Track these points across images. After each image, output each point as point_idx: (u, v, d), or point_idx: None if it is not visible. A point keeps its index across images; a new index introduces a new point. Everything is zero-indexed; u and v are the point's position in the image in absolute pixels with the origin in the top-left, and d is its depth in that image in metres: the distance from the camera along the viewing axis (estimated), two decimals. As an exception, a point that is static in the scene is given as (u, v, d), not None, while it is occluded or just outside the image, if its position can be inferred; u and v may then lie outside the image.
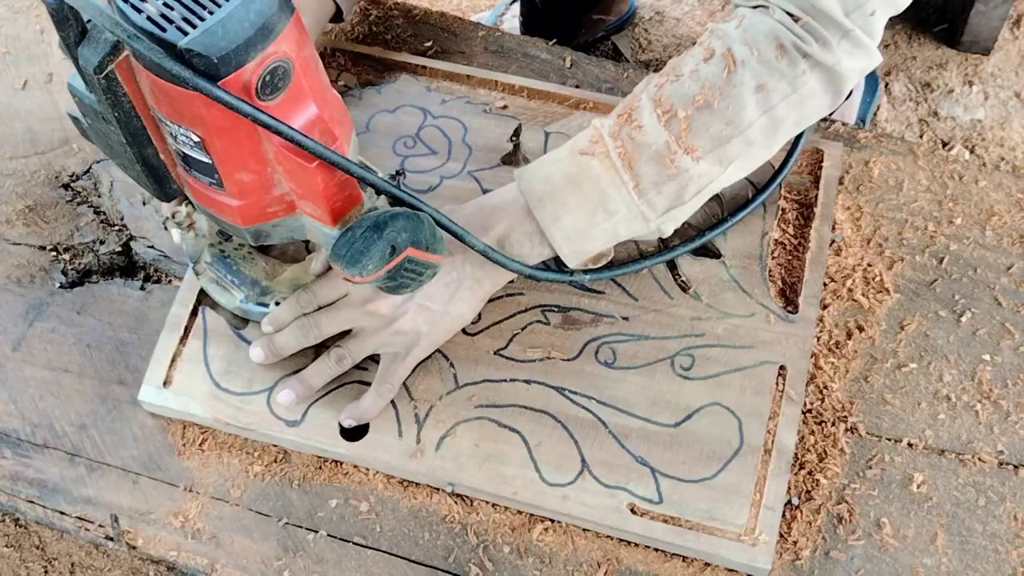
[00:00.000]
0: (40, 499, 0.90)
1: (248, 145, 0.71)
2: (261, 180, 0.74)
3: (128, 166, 0.77)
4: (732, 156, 0.81)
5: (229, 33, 0.64)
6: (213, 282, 0.91)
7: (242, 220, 0.77)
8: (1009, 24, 1.63)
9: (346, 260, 0.73)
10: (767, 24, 0.79)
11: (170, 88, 0.66)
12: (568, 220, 0.83)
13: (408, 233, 0.74)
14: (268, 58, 0.66)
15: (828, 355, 0.91)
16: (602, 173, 0.81)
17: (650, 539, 0.83)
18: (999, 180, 1.00)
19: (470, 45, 1.12)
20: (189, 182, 0.77)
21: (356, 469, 0.88)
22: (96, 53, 0.66)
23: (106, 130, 0.74)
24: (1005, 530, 0.83)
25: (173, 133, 0.71)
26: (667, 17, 1.77)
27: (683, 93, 0.80)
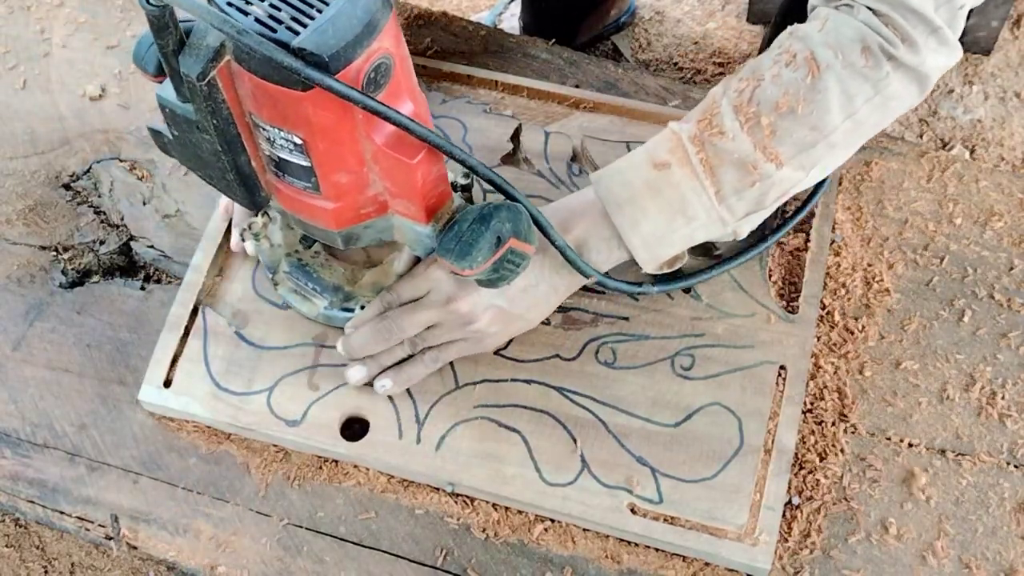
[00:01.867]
0: (40, 499, 0.90)
1: (349, 145, 0.71)
2: (357, 181, 0.74)
3: (217, 176, 0.77)
4: (815, 161, 0.80)
5: (339, 31, 0.64)
6: (293, 292, 0.91)
7: (335, 223, 0.77)
8: (1009, 24, 1.64)
9: (456, 253, 0.74)
10: (852, 26, 0.78)
11: (275, 90, 0.67)
12: (647, 226, 0.82)
13: (511, 223, 0.75)
14: (373, 54, 0.66)
15: (828, 355, 0.91)
16: (682, 179, 0.80)
17: (650, 539, 0.83)
18: (999, 180, 1.00)
19: (470, 45, 1.12)
20: (280, 188, 0.77)
21: (356, 469, 0.88)
22: (199, 61, 0.66)
23: (198, 140, 0.73)
24: (1005, 530, 0.83)
25: (271, 138, 0.71)
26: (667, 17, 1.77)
27: (766, 98, 0.78)
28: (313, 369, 0.91)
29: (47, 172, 1.08)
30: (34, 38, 1.17)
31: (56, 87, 1.13)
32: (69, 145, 1.10)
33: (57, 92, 1.13)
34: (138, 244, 1.03)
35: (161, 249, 1.02)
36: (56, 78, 1.14)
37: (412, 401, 0.89)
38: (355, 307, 0.89)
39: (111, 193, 1.06)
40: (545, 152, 1.01)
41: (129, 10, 1.19)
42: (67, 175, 1.08)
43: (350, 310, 0.89)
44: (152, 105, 1.11)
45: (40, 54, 1.16)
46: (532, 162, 1.01)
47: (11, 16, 1.19)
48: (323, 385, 0.90)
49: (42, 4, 1.20)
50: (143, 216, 1.04)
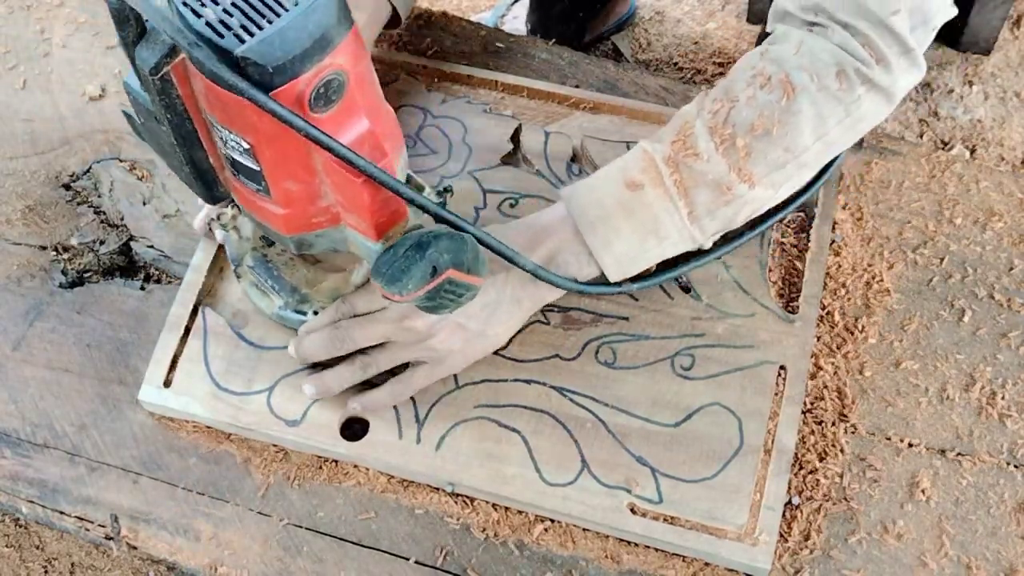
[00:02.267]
0: (40, 499, 0.90)
1: (297, 155, 0.71)
2: (308, 190, 0.74)
3: (177, 167, 0.77)
4: (785, 179, 0.82)
5: (286, 43, 0.63)
6: (253, 286, 0.91)
7: (286, 228, 0.77)
8: (1009, 24, 1.64)
9: (386, 278, 0.72)
10: (828, 50, 0.79)
11: (223, 94, 0.66)
12: (619, 246, 0.83)
13: (450, 254, 0.73)
14: (323, 70, 0.65)
15: (828, 355, 0.91)
16: (655, 200, 0.81)
17: (650, 539, 0.83)
18: (999, 180, 1.00)
19: (470, 45, 1.12)
20: (236, 187, 0.77)
21: (356, 469, 0.88)
22: (153, 54, 0.66)
23: (157, 130, 0.74)
24: (1005, 530, 0.83)
25: (224, 138, 0.71)
26: (667, 17, 1.77)
27: (741, 120, 0.79)
28: (313, 369, 0.91)
29: (47, 172, 1.08)
30: (34, 38, 1.17)
31: (56, 87, 1.13)
32: (69, 145, 1.09)
33: (57, 92, 1.13)
34: (138, 244, 1.03)
35: (161, 249, 1.02)
36: (56, 78, 1.14)
37: (412, 401, 0.89)
38: (308, 311, 0.89)
39: (111, 193, 1.06)
40: (545, 152, 1.01)
41: (129, 10, 1.19)
42: (67, 175, 1.08)
43: (302, 312, 0.89)
44: (152, 105, 1.11)
45: (40, 54, 1.16)
46: (532, 162, 1.01)
47: (11, 16, 1.19)
48: (323, 385, 0.90)
49: (42, 4, 1.20)
50: (143, 216, 1.04)
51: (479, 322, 0.85)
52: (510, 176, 1.00)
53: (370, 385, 0.88)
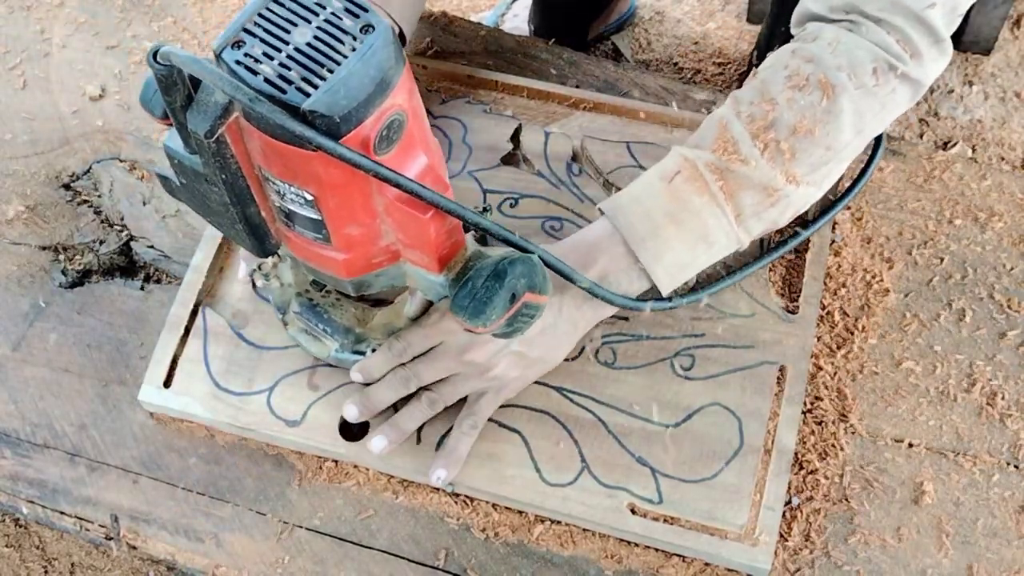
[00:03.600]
0: (40, 499, 0.90)
1: (360, 200, 0.70)
2: (369, 232, 0.73)
3: (227, 225, 0.76)
4: (827, 175, 0.82)
5: (351, 91, 0.63)
6: (303, 332, 0.89)
7: (347, 273, 0.76)
8: (1009, 24, 1.64)
9: (469, 312, 0.72)
10: (864, 47, 0.79)
11: (285, 148, 0.65)
12: (670, 257, 0.82)
13: (526, 279, 0.73)
14: (386, 112, 0.65)
15: (828, 355, 0.91)
16: (702, 208, 0.81)
17: (650, 539, 0.83)
18: (999, 180, 1.00)
19: (470, 45, 1.12)
20: (290, 237, 0.76)
21: (356, 469, 0.88)
22: (207, 118, 0.65)
23: (206, 191, 0.72)
24: (1006, 530, 0.83)
25: (281, 192, 0.70)
26: (667, 17, 1.77)
27: (783, 124, 0.79)
28: (313, 369, 0.91)
29: (47, 172, 1.08)
30: (34, 38, 1.18)
31: (56, 87, 1.13)
32: (69, 145, 1.10)
33: (57, 92, 1.13)
34: (138, 244, 1.03)
35: (161, 249, 1.02)
36: (56, 78, 1.14)
37: (412, 401, 0.89)
38: (366, 349, 0.87)
39: (111, 193, 1.06)
40: (545, 152, 1.01)
41: (129, 10, 1.19)
42: (67, 175, 1.08)
43: (361, 352, 0.87)
44: (152, 105, 1.11)
45: (40, 54, 1.16)
46: (532, 162, 1.01)
47: (11, 16, 1.19)
48: (323, 385, 0.90)
49: (42, 4, 1.20)
50: (143, 216, 1.04)
51: (538, 349, 0.84)
52: (510, 176, 1.00)
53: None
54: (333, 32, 0.64)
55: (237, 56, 0.64)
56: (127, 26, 1.18)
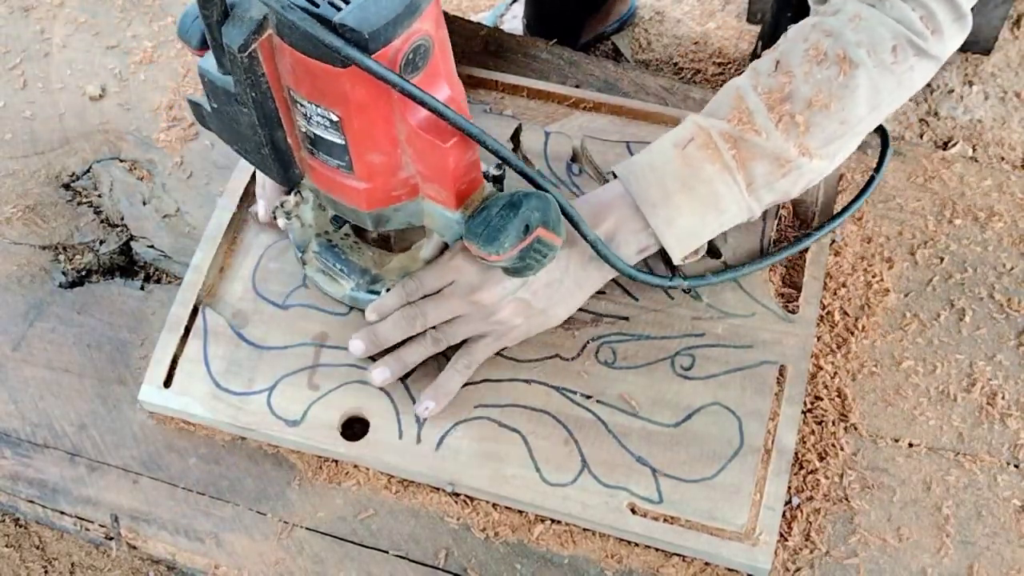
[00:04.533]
0: (40, 499, 0.90)
1: (384, 125, 0.72)
2: (390, 162, 0.75)
3: (253, 150, 0.77)
4: (840, 150, 0.83)
5: (381, 8, 0.65)
6: (320, 272, 0.92)
7: (366, 204, 0.77)
8: (1009, 24, 1.64)
9: (483, 238, 0.74)
10: (885, 23, 0.79)
11: (315, 66, 0.67)
12: (681, 222, 0.83)
13: (540, 212, 0.75)
14: (413, 35, 0.67)
15: (828, 355, 0.91)
16: (714, 175, 0.82)
17: (650, 539, 0.83)
18: (999, 180, 1.00)
19: (470, 45, 1.12)
20: (314, 166, 0.78)
21: (356, 469, 0.88)
22: (241, 32, 0.67)
23: (236, 113, 0.74)
24: (1006, 530, 0.83)
25: (308, 114, 0.72)
26: (667, 17, 1.77)
27: (799, 96, 0.80)
28: (313, 369, 0.91)
29: (47, 172, 1.08)
30: (34, 38, 1.18)
31: (56, 87, 1.14)
32: (69, 145, 1.10)
33: (57, 92, 1.13)
34: (138, 244, 1.03)
35: (161, 249, 1.02)
36: (56, 78, 1.14)
37: (412, 401, 0.89)
38: (381, 290, 0.89)
39: (111, 193, 1.06)
40: (545, 152, 1.02)
41: (129, 10, 1.19)
42: (67, 175, 1.08)
43: (376, 292, 0.89)
44: (152, 106, 1.11)
45: (40, 54, 1.16)
46: (532, 162, 1.01)
47: (11, 16, 1.19)
48: (323, 385, 0.90)
49: (42, 4, 1.20)
50: (143, 216, 1.04)
51: (542, 300, 0.86)
52: (511, 176, 1.00)
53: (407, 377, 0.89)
54: None
55: None
56: (127, 26, 1.18)
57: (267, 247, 0.98)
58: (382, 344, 0.88)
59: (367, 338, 0.88)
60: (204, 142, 1.08)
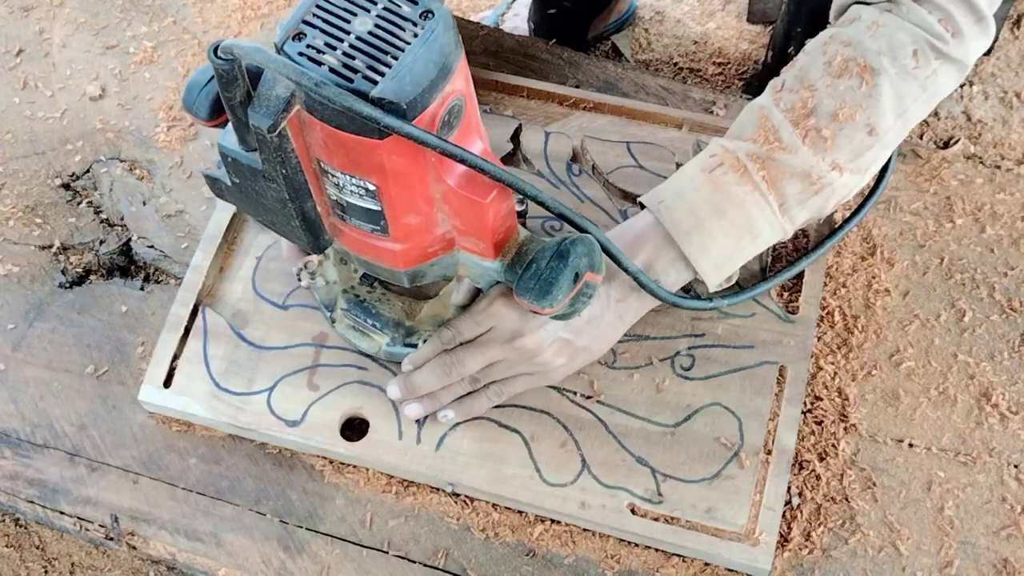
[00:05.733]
0: (40, 499, 0.90)
1: (420, 188, 0.70)
2: (426, 221, 0.74)
3: (281, 222, 0.76)
4: (871, 162, 0.82)
5: (416, 77, 0.63)
6: (351, 328, 0.89)
7: (403, 263, 0.76)
8: (1009, 24, 1.63)
9: (535, 293, 0.73)
10: (905, 30, 0.79)
11: (348, 139, 0.65)
12: (716, 249, 0.82)
13: (587, 258, 0.74)
14: (448, 97, 0.65)
15: (828, 355, 0.91)
16: (746, 197, 0.81)
17: (650, 539, 0.83)
18: (999, 180, 1.00)
19: (470, 45, 1.12)
20: (344, 231, 0.76)
21: (356, 469, 0.88)
22: (269, 113, 0.65)
23: (262, 189, 0.72)
24: (1006, 530, 0.83)
25: (340, 183, 0.70)
26: (667, 17, 1.77)
27: (823, 110, 0.79)
28: (313, 369, 0.91)
29: (47, 172, 1.08)
30: (34, 38, 1.18)
31: (56, 87, 1.14)
32: (69, 145, 1.10)
33: (57, 92, 1.13)
34: (138, 244, 1.03)
35: (161, 249, 1.02)
36: (56, 78, 1.14)
37: (412, 401, 0.89)
38: (417, 341, 0.87)
39: (111, 193, 1.06)
40: (545, 152, 1.01)
41: (129, 10, 1.19)
42: (67, 175, 1.08)
43: (412, 345, 0.87)
44: (152, 106, 1.11)
45: (40, 54, 1.16)
46: (532, 162, 1.01)
47: (11, 16, 1.19)
48: (323, 385, 0.90)
49: (42, 4, 1.20)
50: (143, 216, 1.04)
51: (585, 337, 0.84)
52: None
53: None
54: (393, 19, 0.64)
55: (299, 48, 0.64)
56: (127, 26, 1.18)
57: (267, 247, 0.98)
58: (416, 392, 0.86)
59: (402, 385, 0.86)
60: (204, 142, 1.08)
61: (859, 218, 0.92)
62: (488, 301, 0.83)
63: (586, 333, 0.84)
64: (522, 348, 0.82)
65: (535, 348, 0.83)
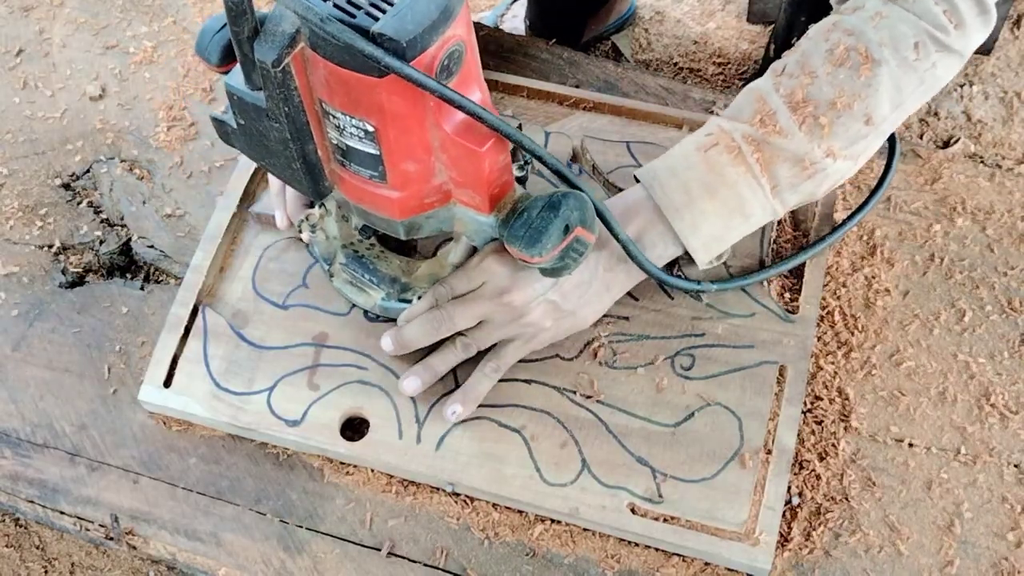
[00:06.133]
0: (40, 499, 0.90)
1: (418, 133, 0.71)
2: (423, 170, 0.74)
3: (283, 165, 0.77)
4: (864, 149, 0.82)
5: (417, 15, 0.64)
6: (348, 283, 0.91)
7: (399, 212, 0.77)
8: (1009, 24, 1.63)
9: (525, 241, 0.74)
10: (906, 20, 0.79)
11: (350, 77, 0.67)
12: (707, 228, 0.83)
13: (578, 212, 0.75)
14: (448, 41, 0.66)
15: (828, 355, 0.91)
16: (739, 179, 0.81)
17: (650, 539, 0.83)
18: (999, 180, 1.00)
19: (470, 45, 1.12)
20: (345, 177, 0.77)
21: (356, 469, 0.88)
22: (274, 47, 0.66)
23: (266, 129, 0.73)
24: (1007, 530, 0.83)
25: (341, 125, 0.72)
26: (667, 17, 1.77)
27: (822, 98, 0.80)
28: (313, 369, 0.91)
29: (47, 172, 1.08)
30: (34, 38, 1.18)
31: (56, 87, 1.14)
32: (69, 145, 1.10)
33: (57, 92, 1.13)
34: (138, 244, 1.03)
35: (161, 249, 1.02)
36: (56, 78, 1.14)
37: (412, 401, 0.89)
38: (412, 298, 0.88)
39: (111, 193, 1.06)
40: (545, 152, 1.01)
41: (129, 10, 1.19)
42: (67, 175, 1.08)
43: (407, 301, 0.88)
44: (152, 106, 1.11)
45: (40, 54, 1.16)
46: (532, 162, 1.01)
47: (11, 16, 1.19)
48: (323, 385, 0.90)
49: (42, 4, 1.20)
50: (143, 216, 1.04)
51: (572, 302, 0.85)
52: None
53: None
54: None
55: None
56: (127, 26, 1.18)
57: (267, 247, 0.98)
58: (408, 347, 0.86)
59: (394, 339, 0.87)
60: (204, 142, 1.08)
61: (859, 218, 0.92)
62: (480, 257, 0.84)
63: (573, 297, 0.85)
64: (510, 305, 0.83)
65: (522, 306, 0.83)
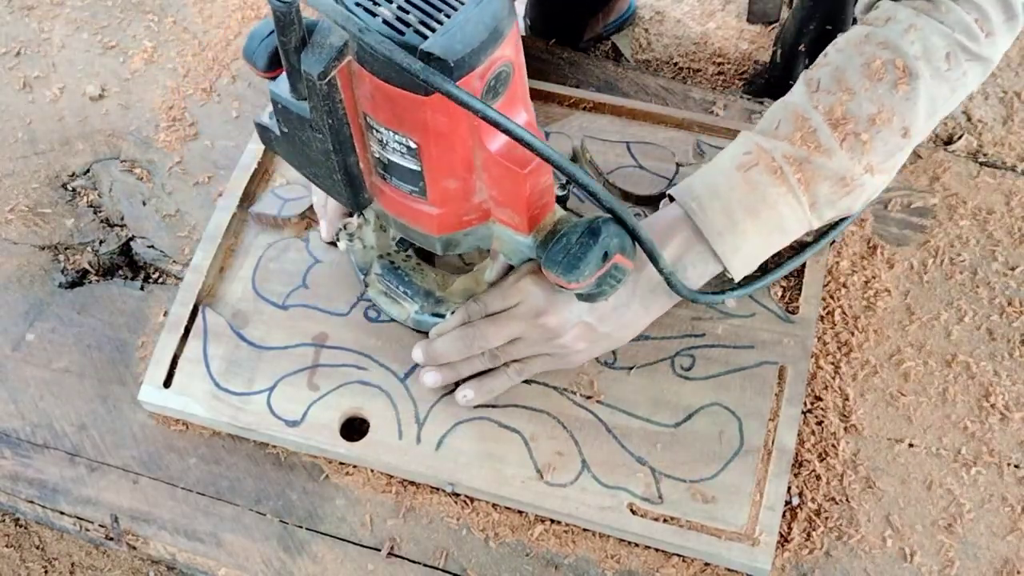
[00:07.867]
0: (40, 499, 0.90)
1: (461, 151, 0.71)
2: (464, 188, 0.74)
3: (324, 175, 0.76)
4: (900, 162, 0.83)
5: (467, 36, 0.64)
6: (383, 294, 0.91)
7: (438, 229, 0.77)
8: (1009, 24, 1.63)
9: (563, 266, 0.73)
10: (939, 31, 0.79)
11: (395, 93, 0.66)
12: (747, 248, 0.82)
13: (618, 239, 0.74)
14: (496, 62, 0.66)
15: (828, 355, 0.91)
16: (779, 198, 0.81)
17: (650, 539, 0.83)
18: (1000, 180, 1.00)
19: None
20: (385, 191, 0.77)
21: (356, 469, 0.88)
22: (321, 59, 0.65)
23: (309, 139, 0.73)
24: (1007, 530, 0.83)
25: (384, 140, 0.71)
26: (667, 17, 1.77)
27: (861, 115, 0.79)
28: (313, 369, 0.91)
29: (47, 172, 1.08)
30: (34, 38, 1.18)
31: (56, 87, 1.14)
32: (69, 145, 1.10)
33: (57, 92, 1.13)
34: (138, 244, 1.03)
35: (161, 249, 1.02)
36: (56, 78, 1.14)
37: (412, 401, 0.89)
38: (445, 313, 0.88)
39: (111, 193, 1.06)
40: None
41: (129, 10, 1.19)
42: (67, 175, 1.08)
43: (440, 315, 0.88)
44: (152, 106, 1.11)
45: (40, 54, 1.16)
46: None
47: (11, 16, 1.19)
48: (323, 385, 0.90)
49: (42, 4, 1.20)
50: (143, 216, 1.04)
51: (608, 324, 0.84)
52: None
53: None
54: None
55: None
56: (127, 26, 1.18)
57: (267, 247, 0.98)
58: (436, 360, 0.86)
59: (426, 351, 0.86)
60: (204, 142, 1.08)
61: (856, 216, 0.92)
62: (517, 276, 0.83)
63: (610, 320, 0.84)
64: (544, 326, 0.83)
65: (557, 328, 0.83)
